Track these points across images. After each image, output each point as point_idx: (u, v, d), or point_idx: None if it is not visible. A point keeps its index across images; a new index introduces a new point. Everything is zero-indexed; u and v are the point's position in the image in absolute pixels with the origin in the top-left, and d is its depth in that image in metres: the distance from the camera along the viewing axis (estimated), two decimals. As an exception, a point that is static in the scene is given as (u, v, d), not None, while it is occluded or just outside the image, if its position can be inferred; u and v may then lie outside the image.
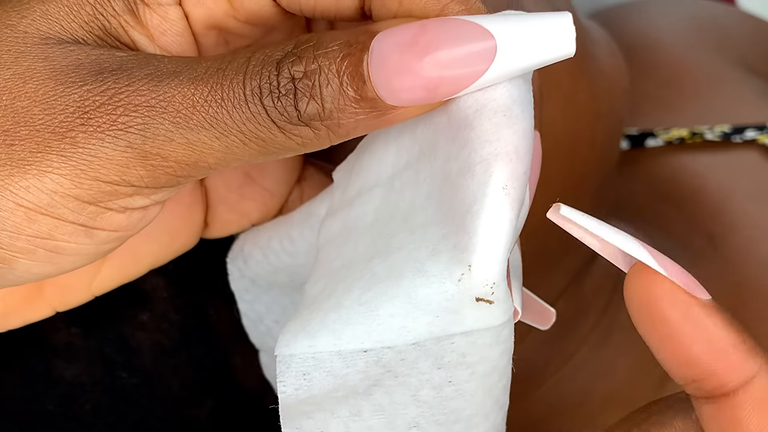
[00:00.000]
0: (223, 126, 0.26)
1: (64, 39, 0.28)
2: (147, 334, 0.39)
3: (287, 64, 0.26)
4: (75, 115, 0.27)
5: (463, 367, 0.27)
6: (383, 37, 0.26)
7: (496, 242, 0.26)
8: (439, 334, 0.27)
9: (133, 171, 0.27)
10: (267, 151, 0.27)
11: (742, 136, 0.56)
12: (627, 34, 0.62)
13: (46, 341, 0.38)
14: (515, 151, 0.26)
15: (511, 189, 0.26)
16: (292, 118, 0.26)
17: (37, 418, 0.38)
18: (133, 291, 0.38)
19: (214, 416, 0.40)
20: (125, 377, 0.39)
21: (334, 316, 0.27)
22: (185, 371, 0.39)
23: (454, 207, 0.26)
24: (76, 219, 0.27)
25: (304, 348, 0.27)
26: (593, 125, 0.44)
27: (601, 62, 0.44)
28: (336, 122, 0.26)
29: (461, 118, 0.27)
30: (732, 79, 0.62)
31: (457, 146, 0.27)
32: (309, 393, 0.27)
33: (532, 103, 0.27)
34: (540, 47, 0.26)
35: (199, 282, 0.39)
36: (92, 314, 0.38)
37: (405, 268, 0.27)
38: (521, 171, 0.26)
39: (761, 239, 0.53)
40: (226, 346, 0.39)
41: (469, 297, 0.26)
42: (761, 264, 0.52)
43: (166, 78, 0.27)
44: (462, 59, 0.26)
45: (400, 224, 0.28)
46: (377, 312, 0.27)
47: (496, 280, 0.26)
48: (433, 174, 0.28)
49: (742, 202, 0.55)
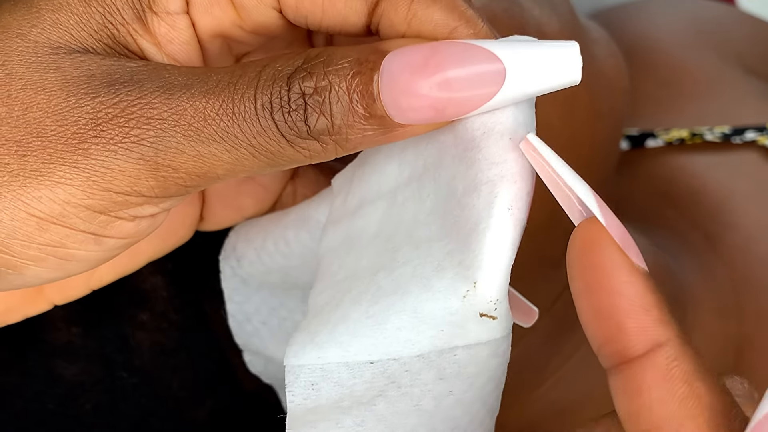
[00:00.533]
0: (234, 139, 0.27)
1: (74, 48, 0.28)
2: (147, 334, 0.39)
3: (298, 80, 0.27)
4: (88, 127, 0.27)
5: (463, 378, 0.28)
6: (394, 58, 0.27)
7: (500, 261, 0.26)
8: (443, 346, 0.28)
9: (144, 182, 0.27)
10: (275, 163, 0.28)
11: (742, 138, 0.56)
12: (627, 35, 0.62)
13: (46, 341, 0.38)
14: (520, 174, 0.27)
15: (515, 210, 0.27)
16: (301, 133, 0.27)
17: (37, 417, 0.38)
18: (133, 291, 0.38)
19: (214, 416, 0.40)
20: (125, 377, 0.39)
21: (342, 329, 0.28)
22: (185, 371, 0.40)
23: (459, 224, 0.27)
24: (87, 228, 0.28)
25: (313, 359, 0.28)
26: (593, 125, 0.44)
27: (601, 62, 0.45)
28: (344, 137, 0.27)
29: (468, 138, 0.27)
30: (732, 80, 0.62)
31: (464, 166, 0.27)
32: (317, 402, 0.28)
33: (535, 125, 0.28)
34: (547, 74, 0.27)
35: (199, 282, 0.39)
36: (92, 314, 0.38)
37: (411, 283, 0.28)
38: (525, 192, 0.27)
39: (760, 239, 0.53)
40: (226, 346, 0.39)
41: (473, 312, 0.27)
42: (760, 263, 0.52)
43: (178, 91, 0.27)
44: (471, 82, 0.26)
45: (404, 238, 0.29)
46: (384, 326, 0.28)
47: (500, 297, 0.27)
48: (438, 190, 0.28)
49: (742, 202, 0.55)
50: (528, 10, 0.42)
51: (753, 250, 0.53)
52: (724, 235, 0.53)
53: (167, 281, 0.39)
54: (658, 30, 0.63)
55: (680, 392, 0.24)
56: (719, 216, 0.54)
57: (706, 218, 0.54)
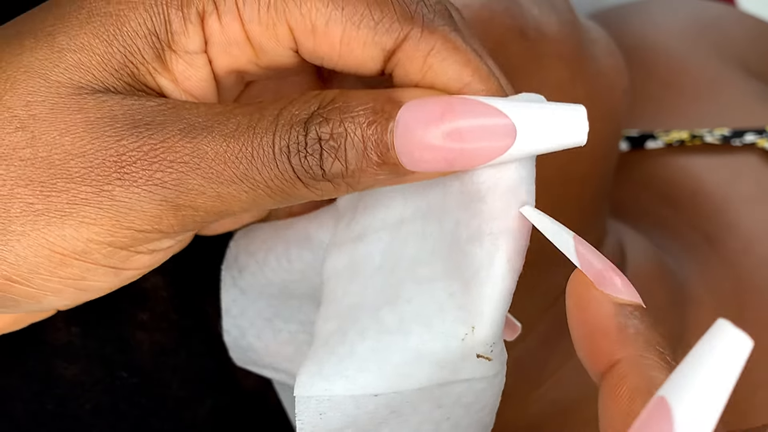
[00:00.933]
0: (252, 181, 0.28)
1: (96, 88, 0.29)
2: (147, 334, 0.39)
3: (315, 126, 0.28)
4: (112, 170, 0.28)
5: (459, 406, 0.30)
6: (410, 110, 0.28)
7: (498, 308, 0.29)
8: (441, 381, 0.29)
9: (165, 221, 0.28)
10: (288, 201, 0.29)
11: (742, 140, 0.56)
12: (627, 35, 0.62)
13: (46, 341, 0.38)
14: (519, 230, 0.29)
15: (514, 262, 0.29)
16: (316, 176, 0.28)
17: (37, 417, 0.38)
18: (133, 291, 0.38)
19: (214, 416, 0.40)
20: (125, 377, 0.39)
21: (348, 363, 0.30)
22: (185, 371, 0.39)
23: (461, 269, 0.29)
24: (108, 263, 0.29)
25: (321, 391, 0.30)
26: (593, 125, 0.44)
27: (600, 62, 0.45)
28: (356, 180, 0.28)
29: (474, 190, 0.29)
30: (732, 82, 0.62)
31: (468, 215, 0.29)
32: (324, 430, 0.30)
33: (534, 179, 0.30)
34: (554, 134, 0.28)
35: (198, 282, 0.39)
36: (92, 314, 0.38)
37: (413, 323, 0.29)
38: (523, 245, 0.29)
39: (760, 240, 0.53)
40: (225, 346, 0.39)
41: (471, 353, 0.29)
42: (760, 265, 0.52)
43: (199, 134, 0.28)
44: (482, 137, 0.28)
45: (407, 273, 0.30)
46: (388, 362, 0.29)
47: (495, 340, 0.29)
48: (442, 233, 0.30)
49: (741, 203, 0.55)
50: (527, 9, 0.42)
51: (753, 251, 0.53)
52: (725, 236, 0.53)
53: (167, 281, 0.39)
54: (658, 30, 0.63)
55: (624, 409, 0.25)
56: (719, 217, 0.54)
57: (706, 220, 0.54)
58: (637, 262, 0.50)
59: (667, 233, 0.55)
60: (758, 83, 0.63)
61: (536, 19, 0.42)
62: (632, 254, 0.50)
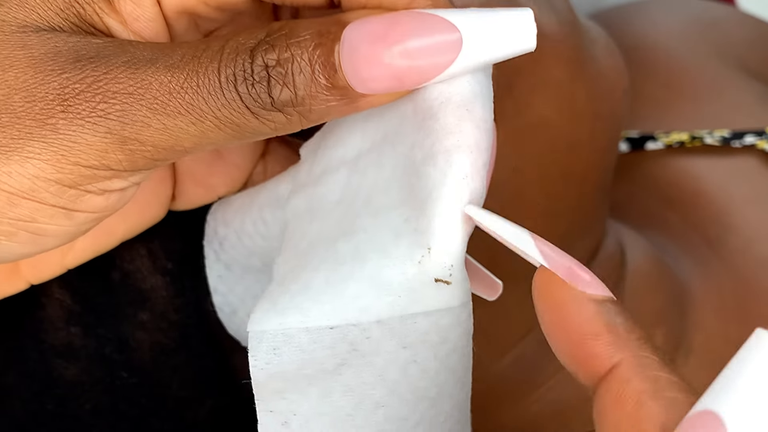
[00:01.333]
0: (199, 112, 0.27)
1: (41, 27, 0.29)
2: (147, 334, 0.39)
3: (261, 52, 0.27)
4: (55, 102, 0.27)
5: (426, 347, 0.28)
6: (354, 28, 0.27)
7: (454, 227, 0.27)
8: (402, 313, 0.28)
9: (111, 155, 0.28)
10: (241, 135, 0.28)
11: (742, 141, 0.56)
12: (627, 35, 0.62)
13: (46, 341, 0.38)
14: (476, 144, 0.27)
15: (470, 179, 0.27)
16: (265, 105, 0.27)
17: (37, 417, 0.38)
18: (133, 290, 0.38)
19: (214, 416, 0.40)
20: (125, 377, 0.39)
21: (303, 295, 0.29)
22: (185, 371, 0.39)
23: (415, 192, 0.28)
24: (57, 202, 0.28)
25: (275, 325, 0.29)
26: (592, 125, 0.44)
27: (600, 62, 0.45)
28: (308, 108, 0.28)
29: (426, 108, 0.28)
30: (732, 83, 0.62)
31: (421, 135, 0.28)
32: (279, 368, 0.29)
33: (492, 97, 0.29)
34: (503, 41, 0.27)
35: (198, 281, 0.39)
36: (92, 314, 0.38)
37: (369, 250, 0.28)
38: (480, 163, 0.27)
39: (760, 241, 0.53)
40: (226, 346, 0.39)
41: (428, 278, 0.28)
42: (761, 266, 0.52)
43: (143, 65, 0.28)
44: (429, 51, 0.27)
45: (364, 205, 0.29)
46: (343, 292, 0.28)
47: (454, 263, 0.27)
48: (397, 159, 0.29)
49: (742, 205, 0.55)
50: (527, 10, 0.42)
51: (754, 252, 0.53)
52: (725, 237, 0.53)
53: (167, 281, 0.39)
54: (658, 31, 0.64)
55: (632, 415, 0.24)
56: (719, 219, 0.54)
57: (706, 221, 0.54)
58: (637, 263, 0.50)
59: (667, 234, 0.55)
60: (758, 84, 0.63)
61: (536, 19, 0.42)
62: (632, 254, 0.50)
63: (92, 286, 0.38)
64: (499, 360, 0.46)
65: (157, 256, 0.38)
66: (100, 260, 0.37)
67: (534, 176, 0.42)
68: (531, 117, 0.42)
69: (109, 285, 0.37)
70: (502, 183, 0.41)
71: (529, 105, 0.42)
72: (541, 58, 0.42)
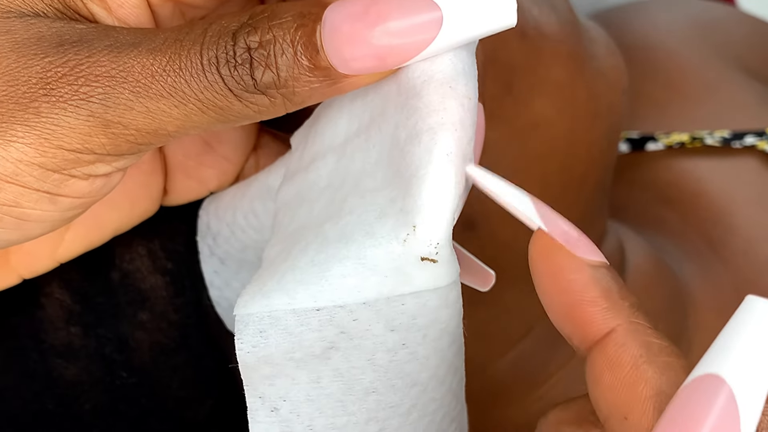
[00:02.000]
0: (182, 94, 0.27)
1: (24, 12, 0.29)
2: (147, 334, 0.39)
3: (243, 35, 0.27)
4: (38, 86, 0.28)
5: (415, 330, 0.28)
6: (335, 9, 0.27)
7: (439, 204, 0.27)
8: (389, 294, 0.28)
9: (95, 139, 0.28)
10: (224, 118, 0.28)
11: (742, 142, 0.56)
12: (627, 35, 0.62)
13: (46, 341, 0.38)
14: (460, 122, 0.27)
15: (454, 156, 0.27)
16: (248, 87, 0.27)
17: (37, 417, 0.38)
18: (133, 290, 0.38)
19: (214, 416, 0.40)
20: (125, 377, 0.39)
21: (289, 277, 0.28)
22: (185, 371, 0.39)
23: (400, 172, 0.28)
24: (41, 186, 0.28)
25: (261, 307, 0.28)
26: (592, 124, 0.44)
27: (600, 61, 0.45)
28: (291, 90, 0.28)
29: (410, 87, 0.28)
30: (732, 83, 0.62)
31: (405, 114, 0.28)
32: (266, 351, 0.28)
33: (476, 75, 0.28)
34: (483, 18, 0.27)
35: (198, 281, 0.39)
36: (91, 314, 0.38)
37: (355, 231, 0.28)
38: (465, 140, 0.27)
39: (760, 242, 0.53)
40: (226, 345, 0.39)
41: (414, 256, 0.27)
42: (761, 267, 0.52)
43: (126, 49, 0.28)
44: (410, 29, 0.27)
45: (351, 189, 0.29)
46: (329, 272, 0.28)
47: (440, 241, 0.27)
48: (382, 140, 0.29)
49: (742, 206, 0.55)
50: (527, 10, 0.42)
51: (754, 253, 0.53)
52: (726, 238, 0.53)
53: (167, 281, 0.39)
54: (659, 31, 0.64)
55: (628, 378, 0.25)
56: (720, 220, 0.54)
57: (707, 222, 0.54)
58: (637, 263, 0.50)
59: (667, 235, 0.55)
60: (758, 84, 0.63)
61: (536, 18, 0.42)
62: (632, 254, 0.50)
63: (92, 286, 0.38)
64: (499, 360, 0.46)
65: (157, 256, 0.38)
66: (100, 260, 0.37)
67: (534, 176, 0.42)
68: (531, 116, 0.42)
69: (109, 285, 0.37)
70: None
71: (529, 104, 0.42)
72: (541, 57, 0.42)
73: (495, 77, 0.41)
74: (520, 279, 0.44)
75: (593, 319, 0.26)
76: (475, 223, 0.41)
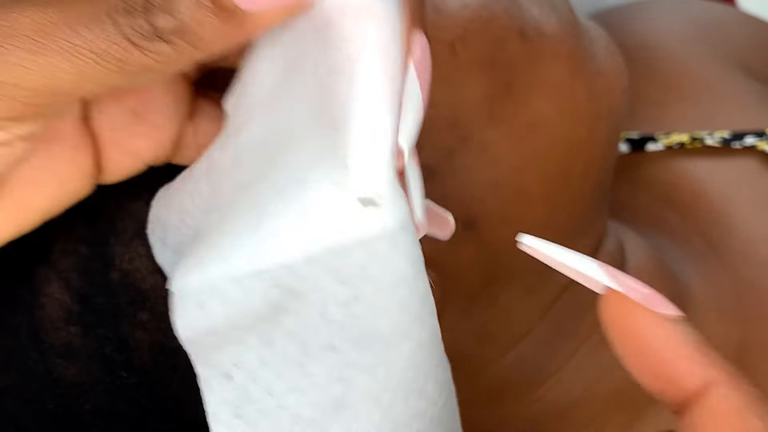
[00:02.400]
0: (75, 47, 0.26)
1: None
2: (146, 334, 0.39)
3: None
4: None
5: (366, 280, 0.26)
6: None
7: (373, 139, 0.25)
8: (333, 246, 0.25)
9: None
10: (126, 71, 0.27)
11: (742, 143, 0.56)
12: (627, 35, 0.62)
13: (46, 341, 0.38)
14: (382, 45, 0.25)
15: (381, 84, 0.25)
16: (147, 34, 0.26)
17: (37, 417, 0.38)
18: (133, 290, 0.38)
19: (214, 416, 0.40)
20: (125, 377, 0.39)
21: (224, 243, 0.26)
22: (185, 371, 0.39)
23: (328, 112, 0.26)
24: None
25: (197, 279, 0.26)
26: (592, 125, 0.44)
27: (600, 62, 0.45)
28: (197, 36, 0.26)
29: (324, 21, 0.26)
30: (732, 83, 0.62)
31: (322, 51, 0.26)
32: (207, 324, 0.27)
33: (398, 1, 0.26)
34: None
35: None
36: (91, 314, 0.38)
37: (288, 183, 0.26)
38: (390, 64, 0.25)
39: (760, 242, 0.53)
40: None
41: (352, 199, 0.25)
42: (761, 267, 0.52)
43: (13, 5, 0.26)
44: None
45: (284, 141, 0.27)
46: (264, 231, 0.26)
47: (380, 180, 0.25)
48: (305, 84, 0.27)
49: (742, 206, 0.55)
50: (527, 9, 0.42)
51: (754, 254, 0.53)
52: (725, 239, 0.53)
53: (167, 281, 0.39)
54: (659, 31, 0.64)
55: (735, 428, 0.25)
56: (720, 220, 0.54)
57: (706, 222, 0.54)
58: (637, 263, 0.50)
59: (667, 235, 0.55)
60: (758, 84, 0.63)
61: (536, 18, 0.42)
62: (632, 255, 0.50)
63: (92, 286, 0.38)
64: (499, 360, 0.46)
65: (157, 255, 0.38)
66: (100, 260, 0.37)
67: (534, 176, 0.42)
68: (531, 116, 0.42)
69: (109, 285, 0.37)
70: (502, 183, 0.41)
71: (529, 104, 0.42)
72: (541, 57, 0.42)
73: (495, 77, 0.41)
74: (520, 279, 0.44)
75: (690, 373, 0.25)
76: (475, 223, 0.41)
